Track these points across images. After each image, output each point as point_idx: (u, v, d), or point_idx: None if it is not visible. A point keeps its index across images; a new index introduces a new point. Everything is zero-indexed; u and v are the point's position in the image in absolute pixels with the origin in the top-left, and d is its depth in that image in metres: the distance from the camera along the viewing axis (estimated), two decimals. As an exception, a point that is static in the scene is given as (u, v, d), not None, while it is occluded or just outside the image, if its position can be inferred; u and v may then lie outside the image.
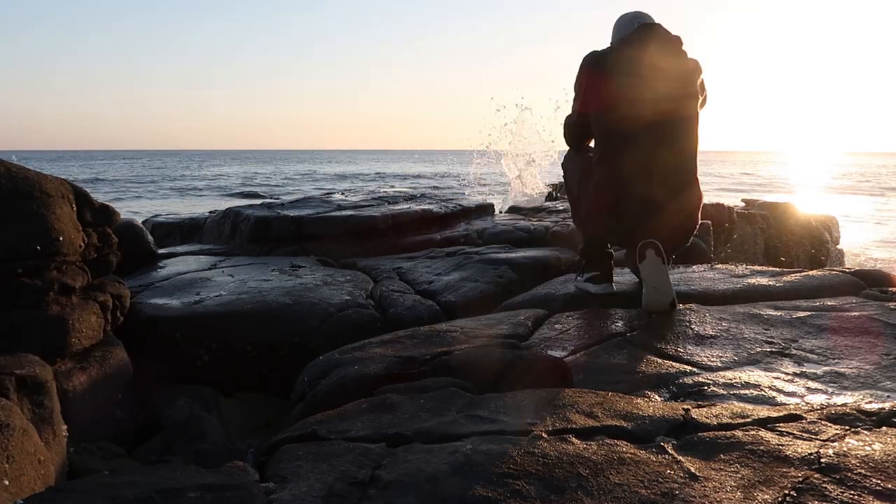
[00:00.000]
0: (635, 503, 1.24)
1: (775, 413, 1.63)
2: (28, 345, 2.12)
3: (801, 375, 2.06)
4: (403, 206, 5.76)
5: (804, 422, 1.57)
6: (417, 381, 2.00)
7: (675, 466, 1.37)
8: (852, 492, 1.25)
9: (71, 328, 2.34)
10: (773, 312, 2.68)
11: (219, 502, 1.25)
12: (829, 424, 1.55)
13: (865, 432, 1.50)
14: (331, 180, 33.59)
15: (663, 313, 2.68)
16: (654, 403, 1.75)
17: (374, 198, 6.11)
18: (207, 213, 6.11)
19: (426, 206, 5.76)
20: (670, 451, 1.44)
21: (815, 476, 1.31)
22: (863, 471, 1.32)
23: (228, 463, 1.49)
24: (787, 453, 1.40)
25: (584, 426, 1.58)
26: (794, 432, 1.51)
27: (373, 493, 1.29)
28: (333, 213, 5.34)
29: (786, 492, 1.26)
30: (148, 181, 32.09)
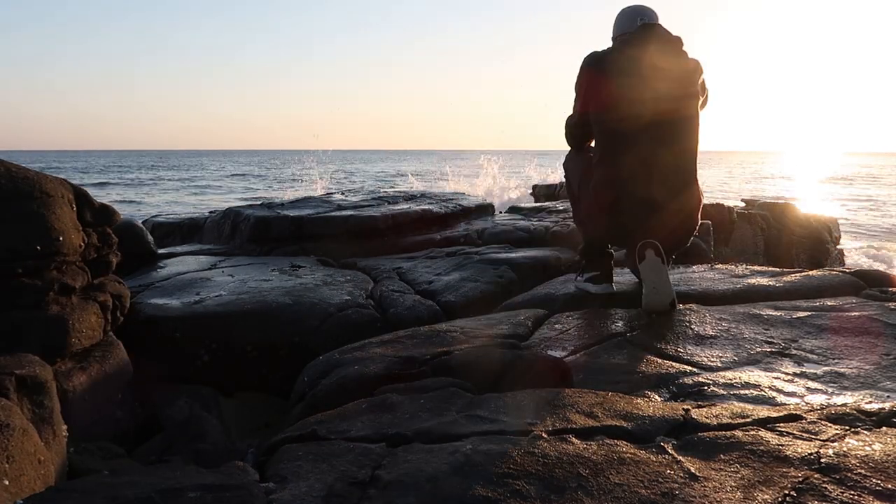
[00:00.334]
0: (635, 503, 1.24)
1: (775, 413, 1.63)
2: (28, 345, 2.12)
3: (801, 375, 2.06)
4: (403, 206, 5.76)
5: (804, 422, 1.57)
6: (417, 381, 2.00)
7: (675, 466, 1.37)
8: (852, 492, 1.25)
9: (71, 328, 2.34)
10: (773, 312, 2.67)
11: (219, 502, 1.25)
12: (829, 424, 1.55)
13: (865, 432, 1.50)
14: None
15: (663, 313, 2.68)
16: (654, 403, 1.75)
17: (374, 198, 6.11)
18: (207, 213, 6.11)
19: (426, 206, 5.76)
20: (670, 451, 1.44)
21: (815, 476, 1.30)
22: (863, 471, 1.32)
23: (228, 463, 1.49)
24: (787, 453, 1.40)
25: (584, 426, 1.58)
26: (794, 432, 1.51)
27: (373, 493, 1.29)
28: (333, 213, 5.34)
29: (786, 492, 1.25)
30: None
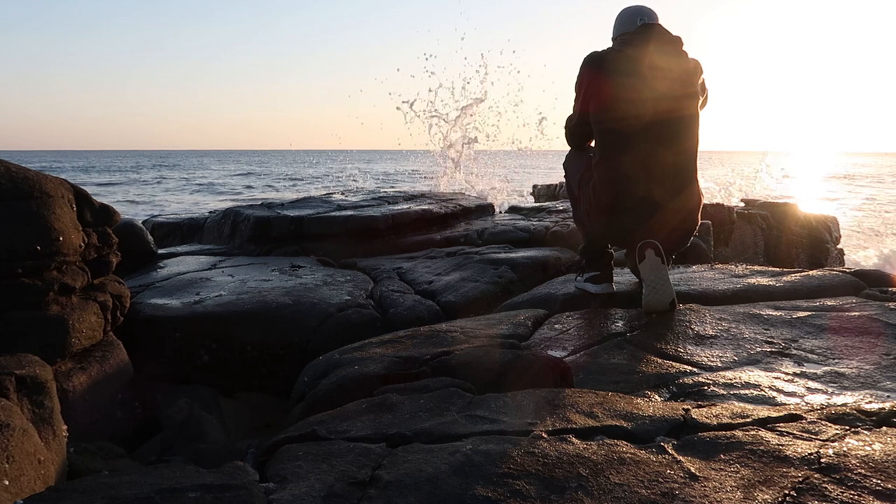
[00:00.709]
0: (635, 503, 1.24)
1: (775, 413, 1.63)
2: (28, 345, 2.13)
3: (801, 375, 2.06)
4: (403, 206, 5.75)
5: (804, 422, 1.57)
6: (417, 381, 2.00)
7: (675, 466, 1.37)
8: (852, 492, 1.24)
9: (71, 328, 2.34)
10: (773, 312, 2.67)
11: (219, 502, 1.25)
12: (829, 424, 1.55)
13: (865, 432, 1.50)
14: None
15: (663, 313, 2.68)
16: (654, 403, 1.75)
17: (374, 198, 6.11)
18: (207, 213, 6.11)
19: (426, 206, 5.75)
20: (670, 451, 1.44)
21: (815, 476, 1.30)
22: (863, 471, 1.31)
23: (228, 463, 1.49)
24: (787, 453, 1.40)
25: (584, 426, 1.58)
26: (794, 432, 1.51)
27: (373, 493, 1.29)
28: (333, 214, 5.33)
29: (786, 492, 1.25)
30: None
